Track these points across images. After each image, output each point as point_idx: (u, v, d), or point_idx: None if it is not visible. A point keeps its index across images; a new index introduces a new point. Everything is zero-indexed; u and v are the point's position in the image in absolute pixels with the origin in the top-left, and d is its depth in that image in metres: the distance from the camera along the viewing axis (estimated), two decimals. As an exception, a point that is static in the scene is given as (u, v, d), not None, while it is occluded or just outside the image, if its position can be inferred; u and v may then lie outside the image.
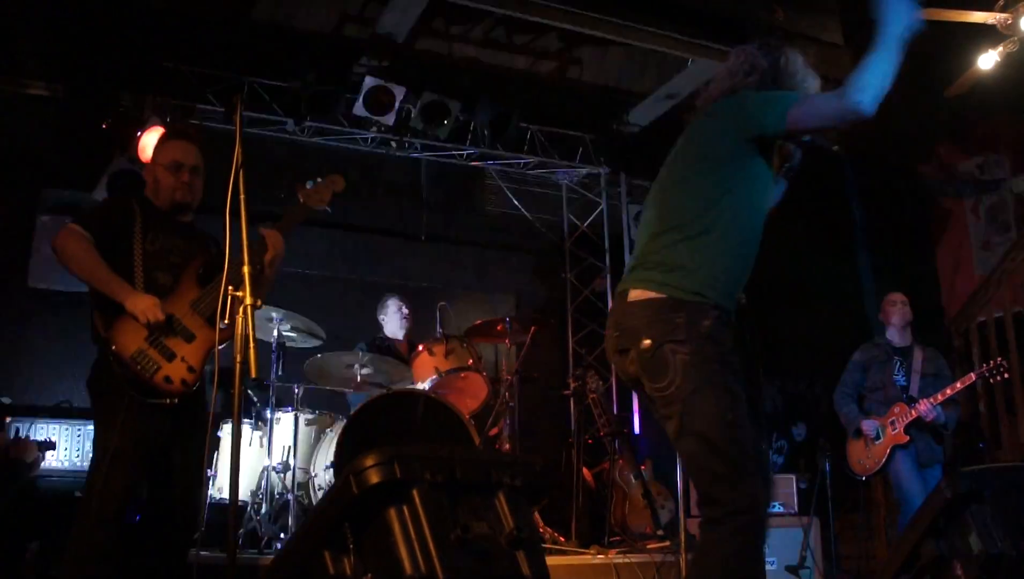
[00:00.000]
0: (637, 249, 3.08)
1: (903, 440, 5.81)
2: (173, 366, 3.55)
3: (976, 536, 3.61)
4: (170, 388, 3.52)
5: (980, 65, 6.54)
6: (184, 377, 3.56)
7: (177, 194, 3.84)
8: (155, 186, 3.87)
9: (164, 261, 3.75)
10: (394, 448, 2.35)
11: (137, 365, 3.47)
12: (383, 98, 7.39)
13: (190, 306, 3.68)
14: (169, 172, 3.85)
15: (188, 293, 3.72)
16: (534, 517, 5.72)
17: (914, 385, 5.95)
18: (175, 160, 3.85)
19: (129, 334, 3.52)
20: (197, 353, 3.63)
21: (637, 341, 2.85)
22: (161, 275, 3.71)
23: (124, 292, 3.56)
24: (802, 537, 6.40)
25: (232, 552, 2.79)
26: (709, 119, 3.25)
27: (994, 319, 7.68)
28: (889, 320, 6.21)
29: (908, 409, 5.83)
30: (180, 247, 3.82)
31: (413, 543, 2.29)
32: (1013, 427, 7.42)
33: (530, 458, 2.72)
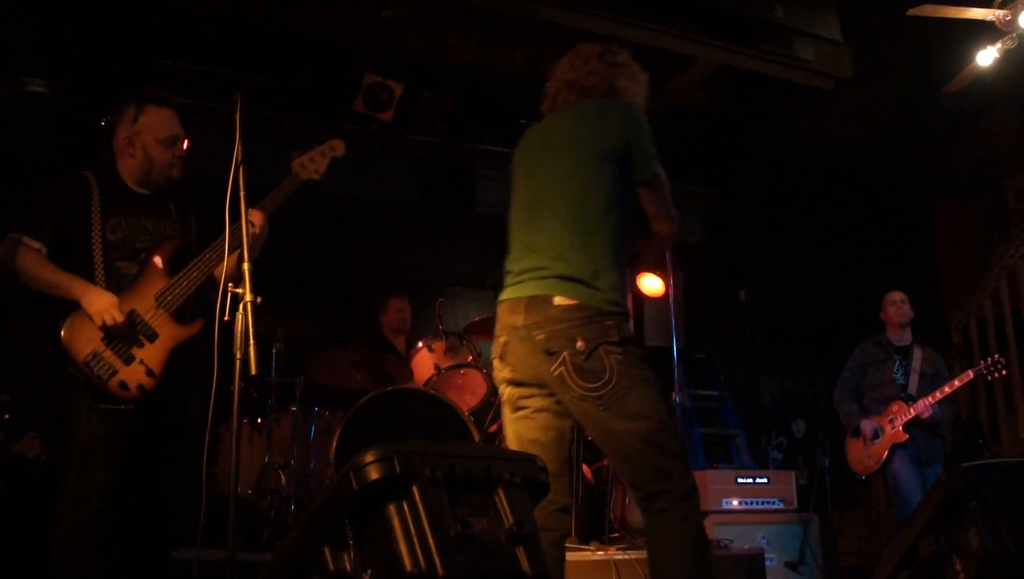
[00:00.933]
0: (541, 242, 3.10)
1: (902, 438, 5.83)
2: (130, 370, 3.30)
3: (975, 532, 3.61)
4: (125, 394, 3.27)
5: (979, 61, 6.53)
6: (141, 382, 3.30)
7: (175, 171, 3.58)
8: (147, 165, 3.53)
9: (129, 248, 3.46)
10: (394, 444, 2.35)
11: (91, 370, 3.25)
12: (382, 95, 7.39)
13: (154, 299, 3.39)
14: (165, 147, 3.54)
15: (154, 284, 3.42)
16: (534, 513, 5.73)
17: (913, 384, 5.97)
18: (172, 134, 3.55)
19: (84, 334, 3.28)
20: (159, 354, 3.35)
21: (571, 343, 2.92)
22: (125, 265, 3.44)
23: (79, 289, 3.31)
24: (801, 533, 6.41)
25: (231, 550, 2.79)
26: (601, 115, 3.27)
27: (993, 316, 7.69)
28: (889, 319, 6.22)
29: (906, 407, 5.85)
30: (148, 228, 3.51)
31: (413, 539, 2.28)
32: (1012, 424, 7.43)
33: (530, 454, 2.72)
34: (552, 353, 2.96)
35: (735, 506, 6.49)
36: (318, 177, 3.79)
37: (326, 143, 3.84)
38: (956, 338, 8.01)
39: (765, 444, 8.40)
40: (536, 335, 2.99)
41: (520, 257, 3.15)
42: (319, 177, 3.79)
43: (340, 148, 3.87)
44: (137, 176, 3.57)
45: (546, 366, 2.98)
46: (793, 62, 7.31)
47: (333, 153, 3.85)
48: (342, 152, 3.87)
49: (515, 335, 3.06)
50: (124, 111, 3.58)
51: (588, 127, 3.25)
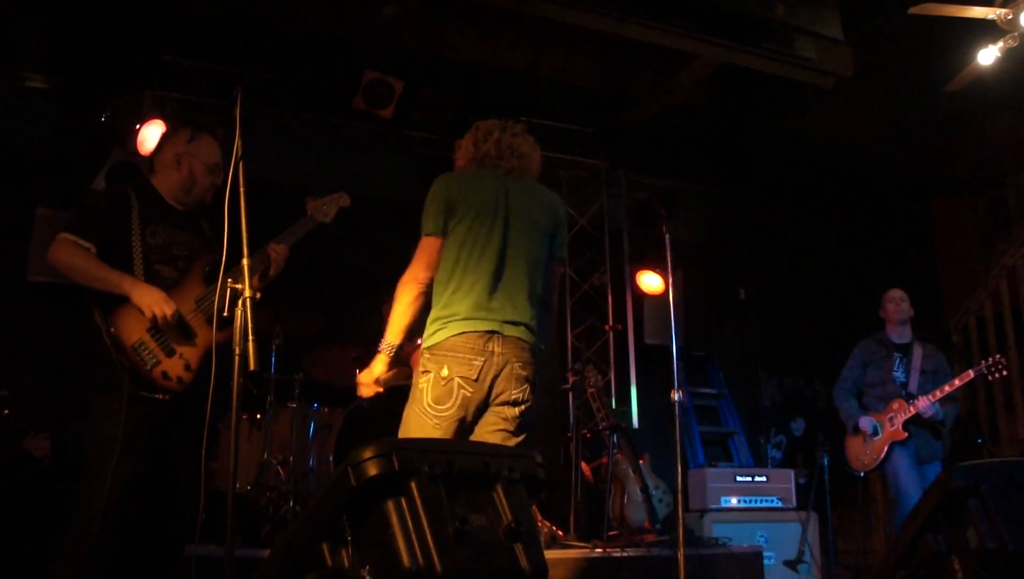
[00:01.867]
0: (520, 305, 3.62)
1: (901, 436, 5.82)
2: (172, 362, 3.53)
3: (974, 531, 3.61)
4: (167, 384, 3.50)
5: (980, 60, 6.52)
6: (181, 375, 3.54)
7: (208, 195, 3.86)
8: (188, 181, 3.82)
9: (166, 254, 3.71)
10: (392, 440, 2.35)
11: (137, 355, 3.45)
12: (382, 92, 7.37)
13: (194, 303, 3.67)
14: (209, 172, 3.85)
15: (194, 289, 3.69)
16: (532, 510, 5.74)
17: (913, 381, 5.96)
18: (217, 162, 3.86)
19: (131, 324, 3.48)
20: (196, 352, 3.61)
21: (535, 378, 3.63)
22: (163, 268, 3.67)
23: (129, 284, 3.52)
24: (800, 532, 6.42)
25: (230, 545, 2.79)
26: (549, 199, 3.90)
27: (993, 315, 7.70)
28: (889, 316, 6.21)
29: (907, 405, 5.83)
30: (183, 240, 3.78)
31: (411, 536, 2.28)
32: (1012, 423, 7.44)
33: (528, 450, 2.72)
34: (531, 382, 3.61)
35: (734, 504, 6.50)
36: (327, 221, 4.26)
37: (338, 192, 4.33)
38: (956, 337, 8.02)
39: (764, 442, 8.40)
40: (522, 370, 3.56)
41: (503, 305, 3.57)
42: (328, 221, 4.27)
43: (346, 201, 4.38)
44: (176, 193, 3.84)
45: (512, 388, 3.54)
46: (794, 60, 7.29)
47: (341, 203, 4.34)
48: (347, 204, 4.39)
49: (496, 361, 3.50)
50: (179, 131, 3.92)
51: (543, 208, 3.82)
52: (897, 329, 6.17)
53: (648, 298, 8.10)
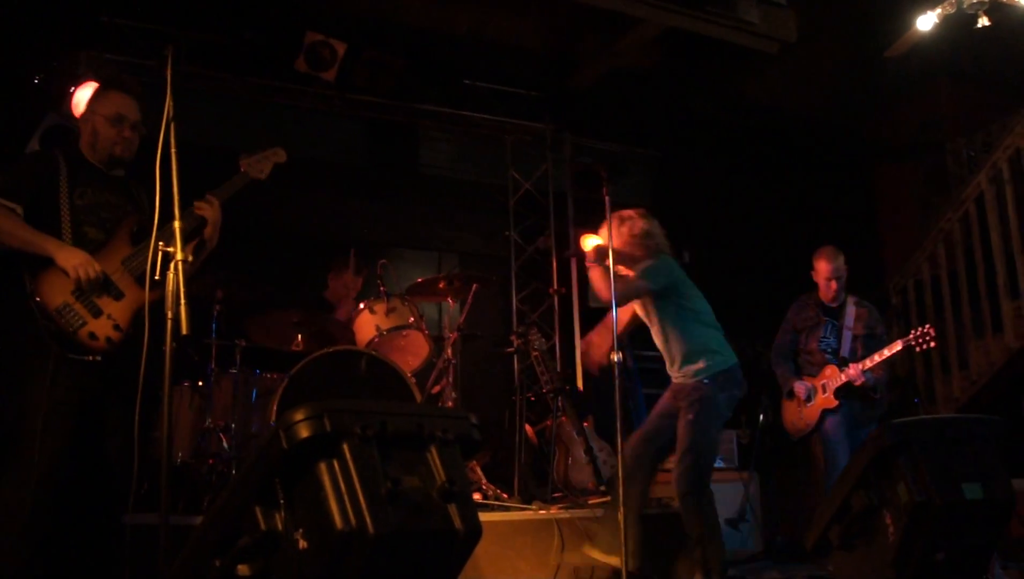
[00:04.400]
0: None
1: (832, 404, 5.76)
2: (99, 323, 3.50)
3: (904, 486, 3.70)
4: (94, 345, 3.46)
5: (919, 26, 6.59)
6: (110, 335, 3.50)
7: (117, 148, 3.76)
8: (93, 138, 3.77)
9: (94, 216, 3.67)
10: (324, 402, 2.34)
11: (62, 318, 3.42)
12: (325, 54, 7.27)
13: (121, 263, 3.62)
14: (111, 125, 3.75)
15: (120, 250, 3.65)
16: (477, 474, 5.77)
17: (846, 345, 5.88)
18: (118, 113, 3.76)
19: (55, 287, 3.45)
20: (125, 312, 3.56)
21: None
22: (91, 230, 3.64)
23: (53, 246, 3.48)
24: (742, 491, 6.51)
25: (164, 512, 2.77)
26: None
27: (930, 278, 7.83)
28: (820, 278, 6.03)
29: (838, 372, 5.77)
30: (111, 202, 3.75)
31: (344, 497, 2.29)
32: (947, 383, 7.59)
33: (463, 411, 2.73)
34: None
35: (677, 465, 6.56)
36: (263, 177, 4.14)
37: (271, 149, 4.21)
38: (895, 299, 8.14)
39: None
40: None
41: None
42: (264, 177, 4.15)
43: (282, 156, 4.24)
44: (88, 152, 3.80)
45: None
46: (738, 24, 7.31)
47: (276, 159, 4.21)
48: (284, 159, 4.24)
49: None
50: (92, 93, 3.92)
51: None
52: (829, 291, 5.99)
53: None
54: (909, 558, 3.68)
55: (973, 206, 7.45)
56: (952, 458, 3.76)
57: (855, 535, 3.90)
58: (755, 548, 6.44)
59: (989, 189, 7.25)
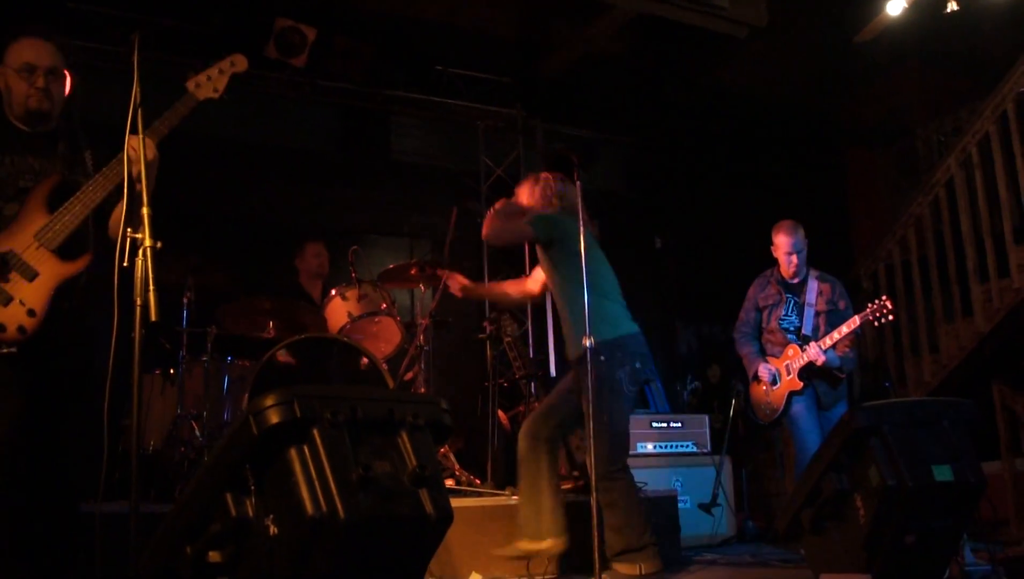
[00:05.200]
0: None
1: (797, 386, 5.56)
2: (9, 311, 3.14)
3: (875, 469, 3.73)
4: (4, 337, 3.12)
5: (888, 11, 6.63)
6: (22, 323, 3.15)
7: (31, 101, 3.36)
8: (6, 95, 3.38)
9: (12, 187, 3.32)
10: (294, 388, 2.33)
11: None
12: (295, 39, 7.23)
13: (33, 237, 3.23)
14: (21, 76, 3.36)
15: (34, 222, 3.26)
16: (450, 460, 5.77)
17: (808, 323, 5.65)
18: (26, 62, 3.36)
19: None
20: (40, 293, 3.20)
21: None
22: (8, 205, 3.29)
23: None
24: (714, 476, 6.55)
25: (134, 500, 2.75)
26: None
27: (901, 263, 7.88)
28: (779, 251, 5.80)
29: (800, 351, 5.57)
30: (34, 167, 3.38)
31: (314, 483, 2.28)
32: (918, 366, 7.65)
33: (435, 397, 2.72)
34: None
35: (650, 450, 6.60)
36: (216, 96, 3.52)
37: (226, 58, 3.57)
38: (865, 284, 8.18)
39: (680, 389, 8.53)
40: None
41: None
42: (217, 96, 3.53)
43: (241, 63, 3.58)
44: (8, 112, 3.43)
45: None
46: (707, 9, 7.31)
47: (233, 69, 3.57)
48: (243, 67, 3.59)
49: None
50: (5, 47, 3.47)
51: None
52: (790, 267, 5.73)
53: (565, 248, 8.12)
54: (880, 541, 3.71)
55: (943, 190, 7.50)
56: (922, 441, 3.79)
57: (826, 518, 3.93)
58: (728, 532, 6.48)
59: (959, 173, 7.30)
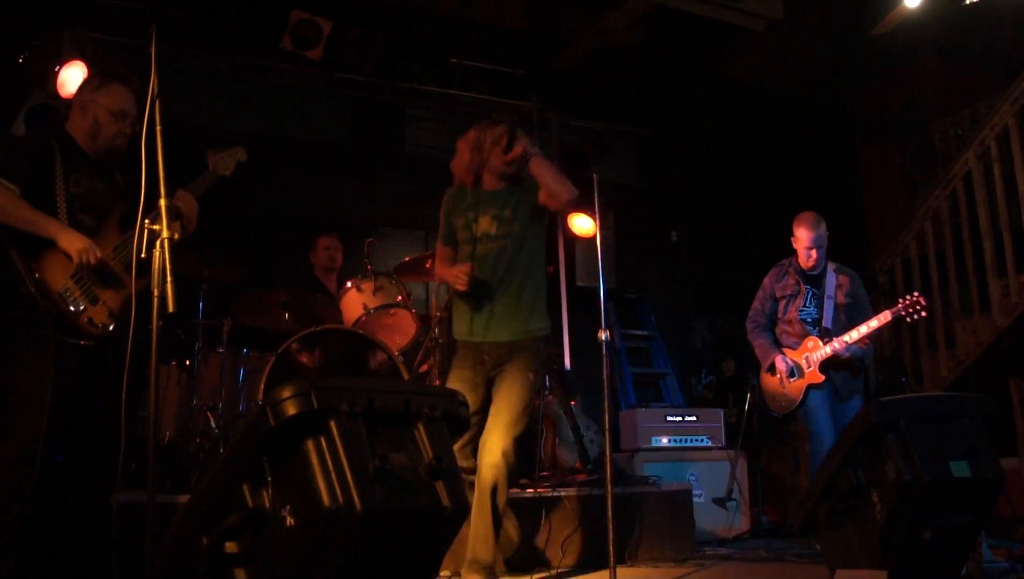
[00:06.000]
0: None
1: (819, 380, 5.51)
2: (96, 309, 3.55)
3: (892, 464, 3.71)
4: (92, 330, 3.52)
5: (906, 3, 6.60)
6: (105, 321, 3.56)
7: (118, 141, 3.79)
8: (93, 128, 3.77)
9: (89, 203, 3.70)
10: (311, 379, 2.33)
11: (64, 302, 3.47)
12: (310, 32, 7.24)
13: (113, 251, 3.65)
14: (114, 120, 3.78)
15: (111, 237, 3.69)
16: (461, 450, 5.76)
17: (828, 315, 5.60)
18: (123, 109, 3.79)
19: (57, 270, 3.49)
20: (117, 299, 3.62)
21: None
22: (86, 217, 3.67)
23: (56, 229, 3.51)
24: (729, 470, 6.53)
25: (151, 490, 2.76)
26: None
27: (918, 257, 7.84)
28: (799, 244, 5.72)
29: (821, 345, 5.51)
30: (101, 190, 3.78)
31: (331, 474, 2.28)
32: (935, 362, 7.61)
33: (451, 389, 2.72)
34: None
35: (664, 444, 6.57)
36: (227, 174, 4.16)
37: (235, 147, 4.23)
38: (882, 279, 8.15)
39: (695, 383, 8.51)
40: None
41: None
42: (228, 175, 4.17)
43: (243, 156, 4.26)
44: (84, 140, 3.79)
45: None
46: (725, 2, 7.29)
47: (238, 158, 4.23)
48: (244, 160, 4.26)
49: None
50: (90, 79, 3.91)
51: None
52: (809, 260, 5.66)
53: (580, 240, 8.11)
54: (896, 536, 3.69)
55: (961, 184, 7.45)
56: (940, 436, 3.76)
57: (842, 513, 3.91)
58: (742, 527, 6.46)
59: (977, 166, 7.25)
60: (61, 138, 3.77)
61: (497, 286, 4.24)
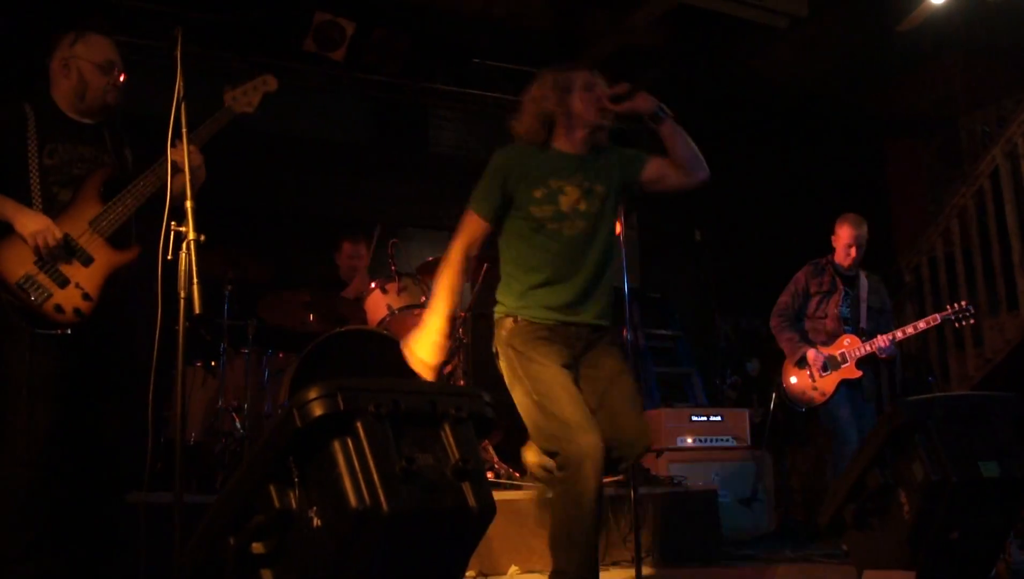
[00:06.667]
0: None
1: (855, 375, 5.58)
2: (66, 293, 3.28)
3: (919, 464, 3.68)
4: (61, 318, 3.25)
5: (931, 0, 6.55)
6: (78, 305, 3.29)
7: (110, 96, 3.57)
8: (79, 85, 3.52)
9: (66, 174, 3.46)
10: (337, 380, 2.33)
11: (23, 292, 3.22)
12: (333, 33, 7.25)
13: (88, 224, 3.38)
14: (101, 71, 3.53)
15: (88, 209, 3.41)
16: (489, 453, 5.76)
17: (863, 316, 5.70)
18: (108, 59, 3.56)
19: (16, 257, 3.25)
20: (94, 278, 3.34)
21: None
22: (62, 191, 3.42)
23: (11, 211, 3.29)
24: (754, 470, 6.50)
25: (179, 491, 2.77)
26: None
27: (944, 255, 7.78)
28: (841, 243, 5.82)
29: (861, 342, 5.59)
30: (86, 156, 3.52)
31: (358, 475, 2.28)
32: (961, 360, 7.56)
33: (477, 389, 2.72)
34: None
35: (689, 444, 6.55)
36: (251, 110, 3.81)
37: (259, 78, 3.86)
38: (908, 277, 8.10)
39: (719, 383, 8.46)
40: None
41: None
42: (252, 110, 3.81)
43: (272, 84, 3.89)
44: (72, 100, 3.56)
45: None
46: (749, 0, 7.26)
47: (265, 88, 3.87)
48: (274, 87, 3.90)
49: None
50: (63, 37, 3.60)
51: None
52: (848, 258, 5.78)
53: (603, 240, 8.08)
54: (924, 537, 3.66)
55: (988, 181, 7.40)
56: (968, 436, 3.73)
57: (870, 514, 3.88)
58: (768, 527, 6.43)
59: (1004, 164, 7.20)
60: (39, 105, 3.51)
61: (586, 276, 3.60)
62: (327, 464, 2.32)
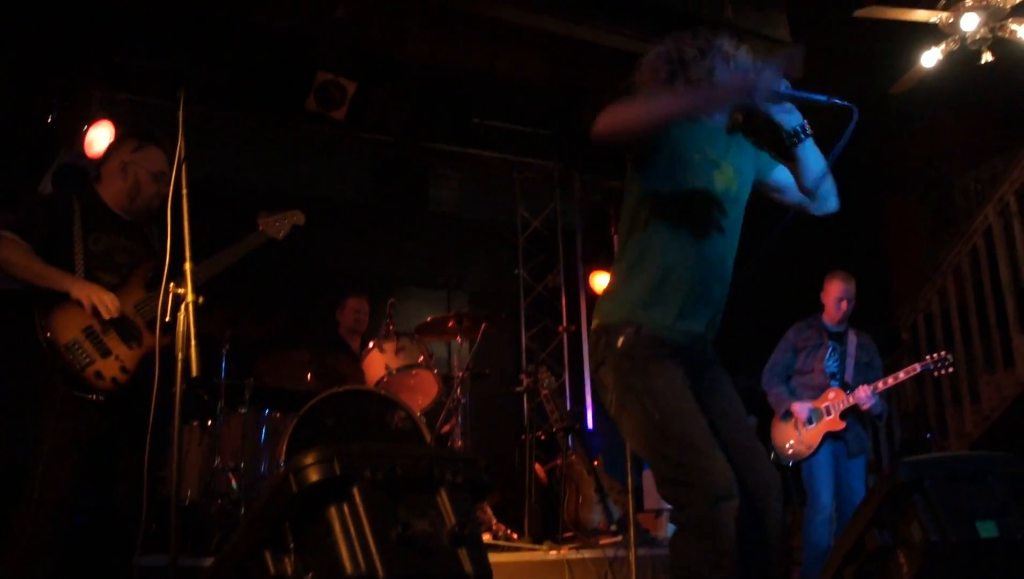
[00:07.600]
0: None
1: (839, 426, 5.61)
2: (107, 363, 3.53)
3: (918, 525, 3.66)
4: (99, 384, 3.49)
5: (923, 63, 6.64)
6: (116, 376, 3.54)
7: (155, 203, 3.84)
8: (133, 189, 3.83)
9: (109, 261, 3.72)
10: (334, 445, 2.33)
11: (69, 354, 3.46)
12: (335, 93, 7.33)
13: (134, 307, 3.67)
14: (154, 180, 3.85)
15: (133, 294, 3.70)
16: (487, 514, 5.74)
17: (849, 371, 5.74)
18: (163, 171, 3.85)
19: (68, 322, 3.50)
20: (134, 355, 3.61)
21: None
22: (105, 275, 3.68)
23: (69, 281, 3.54)
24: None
25: (173, 553, 2.76)
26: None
27: (940, 312, 7.80)
28: (829, 300, 5.94)
29: (845, 395, 5.64)
30: (126, 247, 3.80)
31: (354, 542, 2.27)
32: (959, 416, 7.53)
33: (473, 454, 2.72)
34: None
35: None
36: (279, 238, 4.24)
37: (291, 211, 4.29)
38: (905, 335, 8.11)
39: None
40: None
41: None
42: (280, 238, 4.24)
43: (301, 219, 4.34)
44: (122, 201, 3.85)
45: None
46: (746, 62, 7.34)
47: (295, 220, 4.30)
48: (302, 223, 4.34)
49: None
50: (126, 141, 3.95)
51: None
52: (835, 315, 5.91)
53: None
54: (925, 598, 3.63)
55: (981, 240, 7.44)
56: (966, 496, 3.72)
57: (869, 575, 3.86)
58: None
59: (997, 222, 7.24)
60: (85, 198, 3.80)
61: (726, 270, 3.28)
62: (323, 530, 2.31)
